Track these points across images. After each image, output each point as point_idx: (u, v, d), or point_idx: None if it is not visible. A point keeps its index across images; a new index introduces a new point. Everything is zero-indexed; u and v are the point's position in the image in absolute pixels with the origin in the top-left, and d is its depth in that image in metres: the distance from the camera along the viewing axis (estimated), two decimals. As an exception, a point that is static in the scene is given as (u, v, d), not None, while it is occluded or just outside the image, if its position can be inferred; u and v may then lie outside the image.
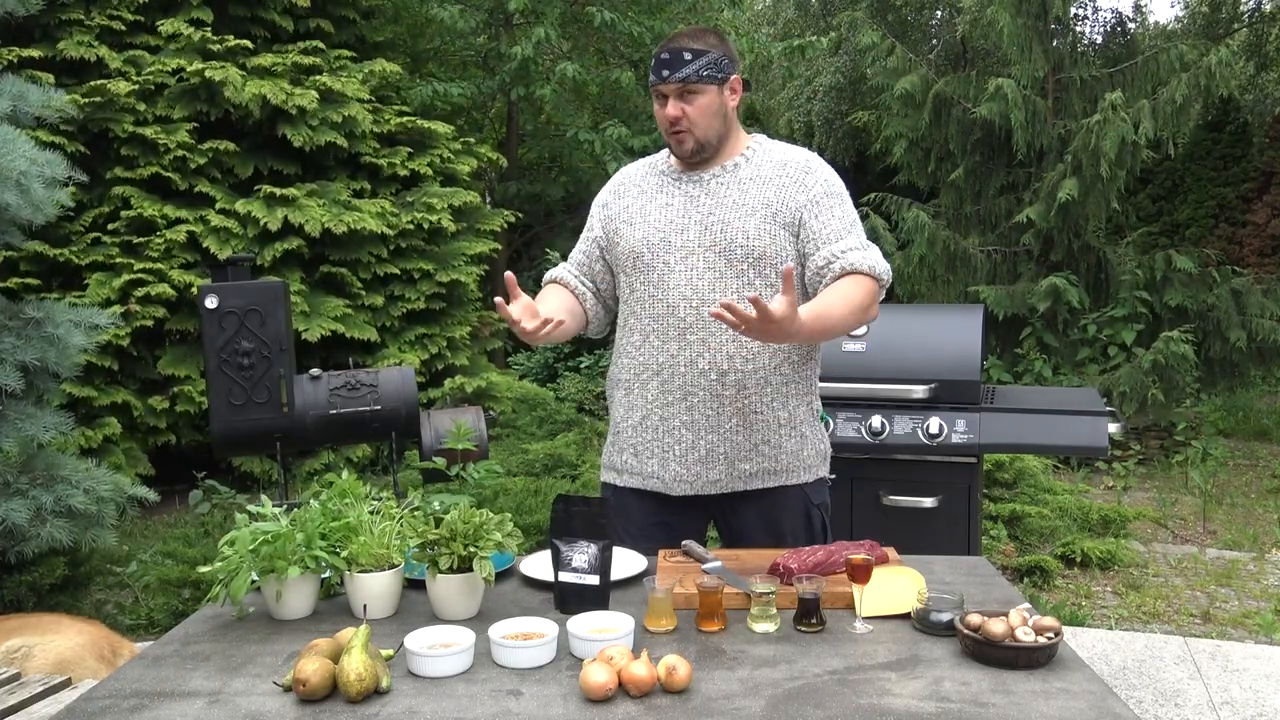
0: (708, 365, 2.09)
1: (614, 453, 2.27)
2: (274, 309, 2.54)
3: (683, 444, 2.13)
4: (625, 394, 2.21)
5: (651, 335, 2.13)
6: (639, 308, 2.16)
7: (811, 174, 2.14)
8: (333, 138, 6.61)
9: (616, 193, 2.27)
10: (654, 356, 2.13)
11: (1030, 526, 4.69)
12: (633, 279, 2.18)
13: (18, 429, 3.44)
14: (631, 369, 2.18)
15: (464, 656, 1.54)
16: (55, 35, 6.34)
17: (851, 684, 1.47)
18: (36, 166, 3.38)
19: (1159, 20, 21.92)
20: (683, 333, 2.10)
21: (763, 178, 2.13)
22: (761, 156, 2.17)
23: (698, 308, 2.09)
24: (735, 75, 2.12)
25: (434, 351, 6.90)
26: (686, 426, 2.12)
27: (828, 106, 15.18)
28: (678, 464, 2.14)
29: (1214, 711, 3.22)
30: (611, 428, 2.29)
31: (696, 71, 2.05)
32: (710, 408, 2.10)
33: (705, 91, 2.07)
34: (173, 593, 4.06)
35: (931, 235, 8.06)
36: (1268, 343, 7.45)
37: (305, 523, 1.79)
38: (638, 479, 2.20)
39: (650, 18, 9.26)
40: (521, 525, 2.56)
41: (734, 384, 2.09)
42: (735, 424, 2.11)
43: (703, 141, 2.10)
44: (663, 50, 2.09)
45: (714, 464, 2.13)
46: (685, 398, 2.11)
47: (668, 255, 2.12)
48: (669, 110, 2.08)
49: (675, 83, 2.06)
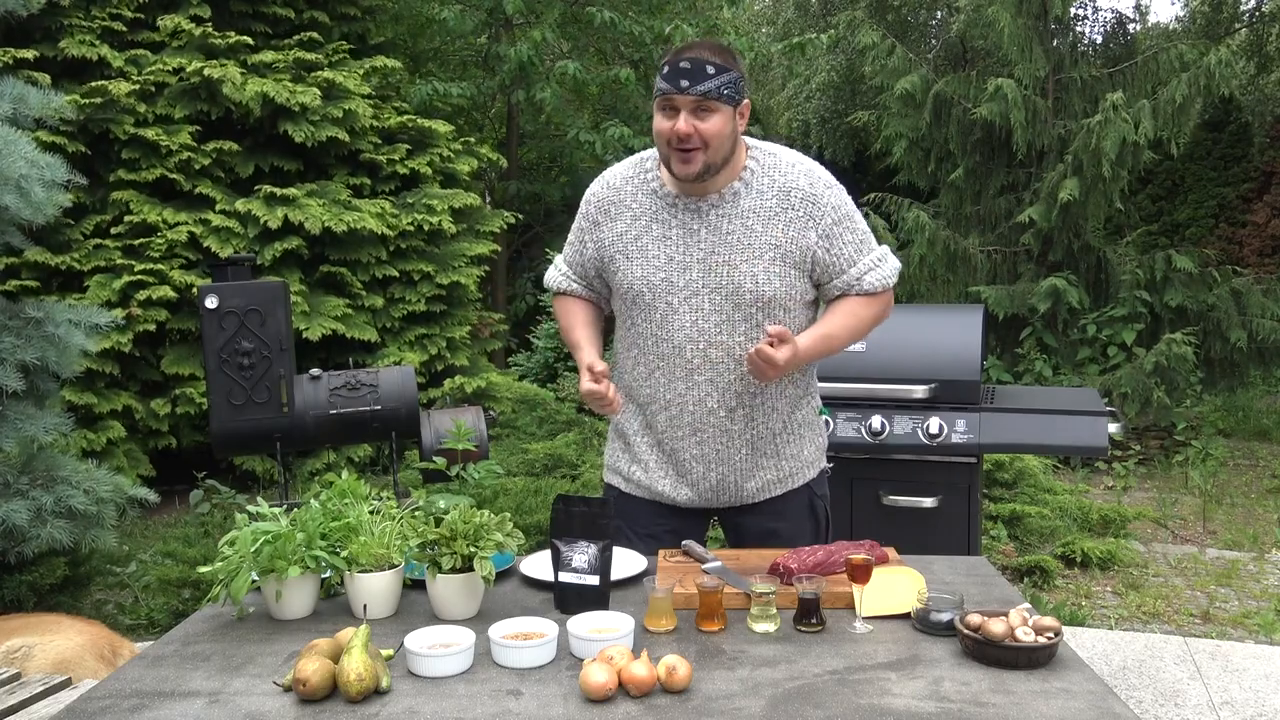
0: (717, 404, 2.06)
1: (625, 461, 2.22)
2: (274, 309, 2.54)
3: (694, 474, 2.12)
4: (636, 413, 2.17)
5: (657, 372, 2.08)
6: (643, 343, 2.09)
7: (818, 203, 2.03)
8: (334, 133, 6.61)
9: (607, 213, 2.12)
10: (661, 392, 2.09)
11: (1030, 526, 4.69)
12: (633, 313, 2.10)
13: (18, 429, 3.44)
14: (640, 394, 2.13)
15: (464, 656, 1.54)
16: (55, 35, 6.33)
17: (851, 684, 1.47)
18: (37, 169, 3.38)
19: (1159, 20, 21.92)
20: (690, 374, 2.05)
21: (766, 211, 2.02)
22: (762, 181, 2.03)
23: (705, 350, 2.03)
24: (747, 100, 2.01)
25: (434, 352, 6.90)
26: (698, 460, 2.11)
27: (826, 105, 15.18)
28: (690, 489, 2.14)
29: (1214, 711, 3.22)
30: (620, 435, 2.24)
31: (718, 88, 1.91)
32: (720, 442, 2.09)
33: (721, 111, 1.93)
34: (173, 593, 4.06)
35: (931, 235, 8.06)
36: (1268, 343, 7.45)
37: (305, 523, 1.79)
38: (645, 492, 2.19)
39: (650, 17, 9.26)
40: (521, 525, 2.55)
41: (744, 418, 2.08)
42: (745, 454, 2.11)
43: (711, 164, 1.96)
44: (681, 58, 1.92)
45: (725, 490, 2.14)
46: (695, 433, 2.09)
47: (670, 296, 2.03)
48: (680, 125, 1.91)
49: (694, 95, 1.90)
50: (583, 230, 2.19)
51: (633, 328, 2.11)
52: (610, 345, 2.28)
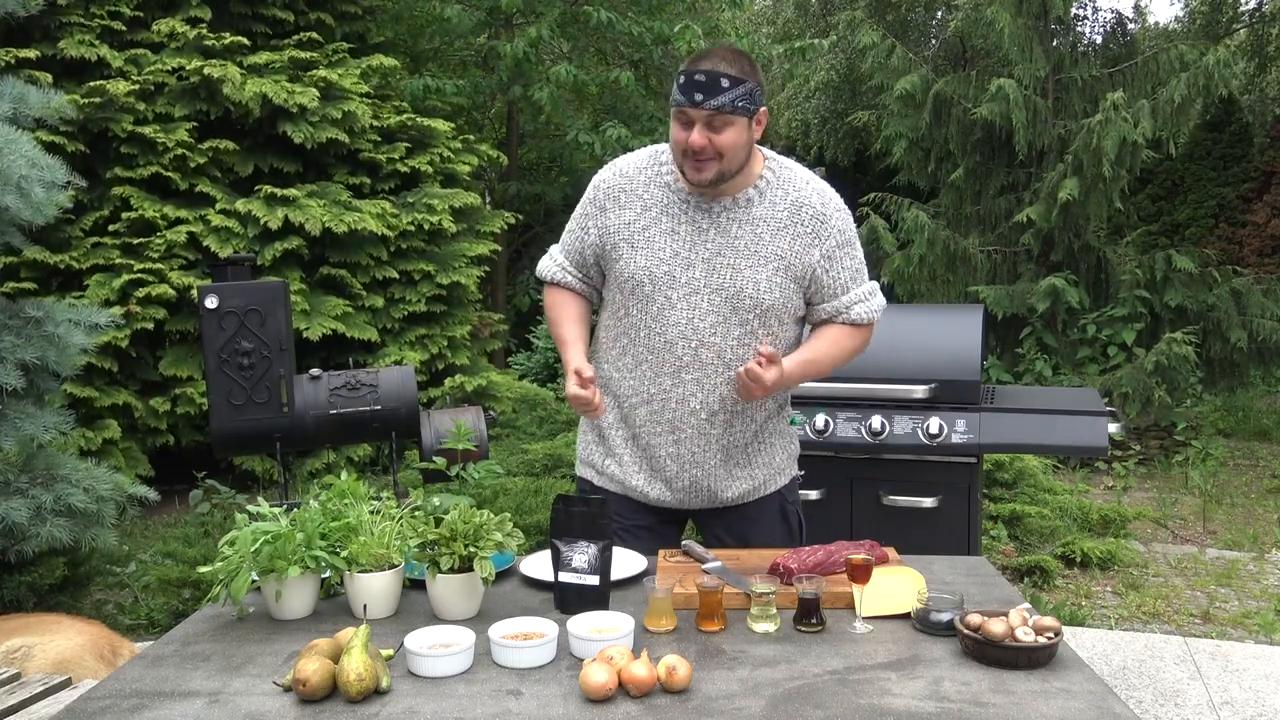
0: (699, 405, 2.07)
1: (598, 454, 2.23)
2: (274, 309, 2.54)
3: (668, 472, 2.14)
4: (614, 404, 2.16)
5: (644, 365, 2.09)
6: (635, 334, 2.09)
7: (827, 223, 2.06)
8: (333, 134, 6.61)
9: (616, 200, 2.11)
10: (645, 386, 2.10)
11: (1030, 526, 4.69)
12: (629, 302, 2.09)
13: (18, 428, 3.44)
14: (621, 386, 2.14)
15: (464, 656, 1.54)
16: (55, 35, 6.33)
17: (851, 684, 1.47)
18: (37, 170, 3.38)
19: (1159, 20, 21.93)
20: (678, 370, 2.06)
21: (776, 221, 2.04)
22: (775, 192, 2.05)
23: (696, 349, 2.04)
24: (764, 108, 2.00)
25: (434, 351, 6.90)
26: (672, 459, 2.12)
27: (826, 106, 15.17)
28: (663, 486, 2.15)
29: (1214, 711, 3.22)
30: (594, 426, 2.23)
31: (732, 102, 1.90)
32: (696, 444, 2.10)
33: (736, 123, 1.93)
34: (173, 593, 4.06)
35: (931, 235, 8.06)
36: (1268, 343, 7.46)
37: (305, 523, 1.79)
38: (619, 486, 2.19)
39: (650, 18, 9.25)
40: (521, 525, 2.55)
41: (723, 423, 2.09)
42: (719, 460, 2.12)
43: (724, 171, 1.97)
44: (696, 69, 1.92)
45: (697, 494, 2.16)
46: (673, 431, 2.10)
47: (670, 290, 2.04)
48: (694, 138, 1.92)
49: (709, 110, 1.90)
50: (587, 216, 2.17)
51: (626, 317, 2.11)
52: (594, 334, 2.26)
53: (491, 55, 9.19)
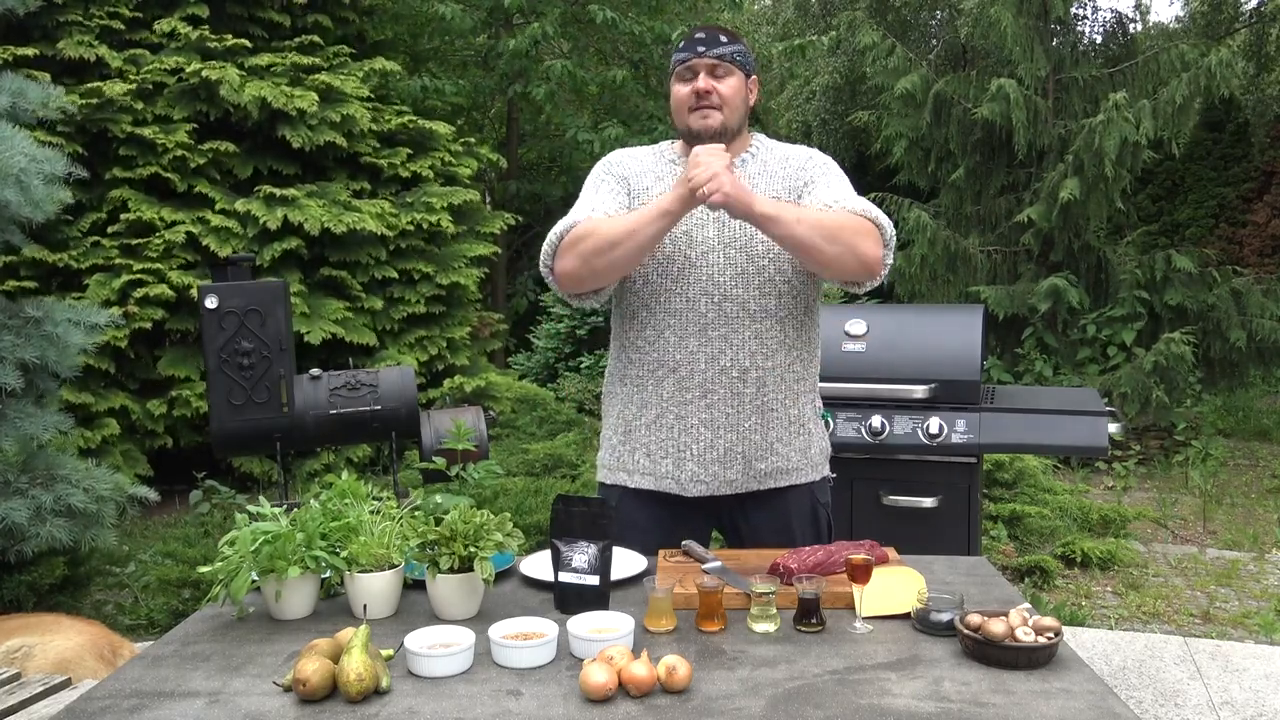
0: (729, 363, 2.07)
1: (624, 453, 2.20)
2: (274, 309, 2.54)
3: (701, 442, 2.10)
4: (636, 391, 2.16)
5: (667, 331, 2.09)
6: (653, 302, 2.11)
7: (813, 159, 2.20)
8: (332, 137, 6.61)
9: (632, 170, 2.21)
10: (670, 353, 2.10)
11: (1030, 526, 4.69)
12: (647, 269, 2.11)
13: (17, 428, 3.44)
14: (644, 365, 2.13)
15: (464, 656, 1.54)
16: (54, 35, 6.33)
17: (851, 684, 1.47)
18: (36, 164, 3.38)
19: (1159, 20, 21.91)
20: (704, 329, 2.07)
21: (770, 173, 2.16)
22: (765, 154, 2.20)
23: (719, 303, 2.07)
24: (755, 77, 2.19)
25: (434, 352, 6.90)
26: (705, 425, 2.09)
27: (825, 106, 15.17)
28: (695, 463, 2.12)
29: (1214, 711, 3.22)
30: (618, 427, 2.22)
31: (732, 54, 2.10)
32: (731, 405, 2.09)
33: (735, 75, 2.12)
34: (173, 593, 4.06)
35: (932, 235, 8.06)
36: (1268, 343, 7.46)
37: (305, 523, 1.78)
38: (650, 479, 2.16)
39: (650, 18, 9.26)
40: (521, 525, 2.55)
41: (755, 381, 2.09)
42: (754, 422, 2.10)
43: (727, 124, 2.11)
44: (696, 31, 2.13)
45: (731, 464, 2.11)
46: (705, 395, 2.08)
47: (689, 250, 2.09)
48: (700, 83, 2.08)
49: (711, 57, 2.09)
50: (604, 181, 2.18)
51: (645, 286, 2.12)
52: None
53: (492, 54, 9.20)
